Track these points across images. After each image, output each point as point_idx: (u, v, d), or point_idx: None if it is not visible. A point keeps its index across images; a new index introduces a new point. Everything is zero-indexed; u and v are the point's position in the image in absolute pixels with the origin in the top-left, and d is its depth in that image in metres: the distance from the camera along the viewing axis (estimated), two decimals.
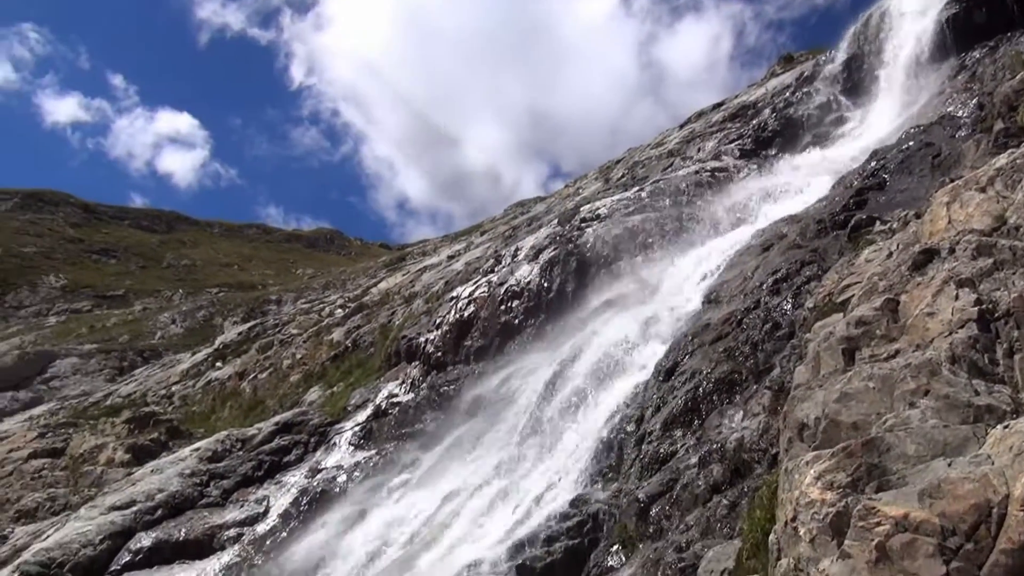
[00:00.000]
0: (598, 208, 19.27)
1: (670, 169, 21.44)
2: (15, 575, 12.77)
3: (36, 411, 30.71)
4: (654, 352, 11.77)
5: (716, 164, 19.67)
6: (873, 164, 12.95)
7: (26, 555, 13.56)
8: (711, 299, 12.03)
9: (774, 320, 9.61)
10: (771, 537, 4.46)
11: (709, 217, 16.21)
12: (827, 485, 3.91)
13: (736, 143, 20.76)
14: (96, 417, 23.27)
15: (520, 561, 8.49)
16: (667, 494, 7.90)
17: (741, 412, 8.08)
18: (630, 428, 10.33)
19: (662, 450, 8.93)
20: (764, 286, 10.72)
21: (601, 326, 14.07)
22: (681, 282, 13.98)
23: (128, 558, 13.12)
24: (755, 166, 18.94)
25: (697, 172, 19.18)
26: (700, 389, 9.36)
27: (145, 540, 13.43)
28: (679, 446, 8.84)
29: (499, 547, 9.14)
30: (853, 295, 6.60)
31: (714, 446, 7.81)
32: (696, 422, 9.04)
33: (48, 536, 14.30)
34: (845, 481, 3.88)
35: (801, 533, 3.87)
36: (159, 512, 14.34)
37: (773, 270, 10.99)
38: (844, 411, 4.57)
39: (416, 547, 10.62)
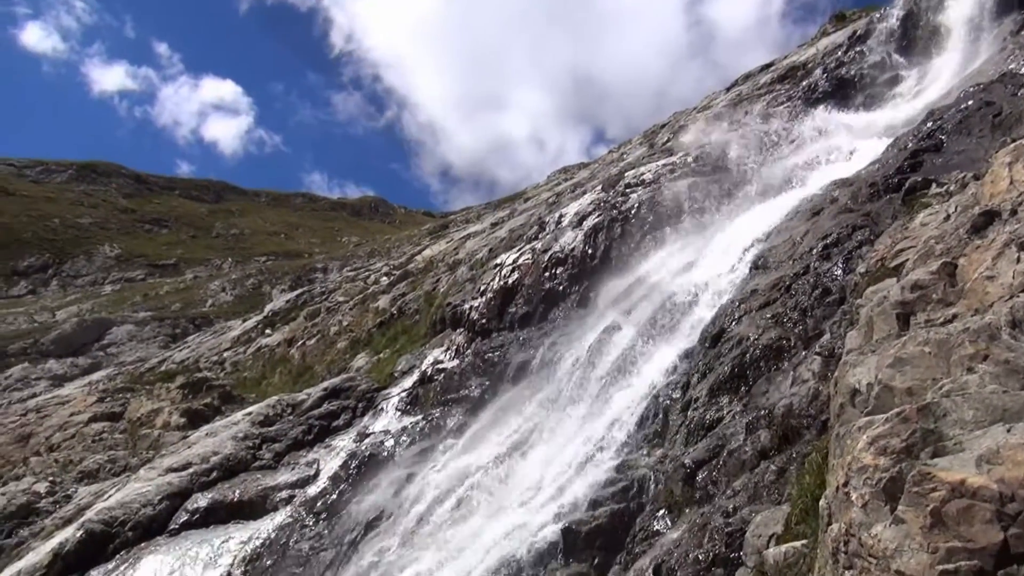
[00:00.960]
0: (643, 173, 19.06)
1: (717, 133, 21.03)
2: (80, 532, 13.31)
3: (95, 376, 31.77)
4: (700, 318, 11.66)
5: (765, 127, 19.23)
6: (929, 125, 12.52)
7: (90, 513, 14.13)
8: (759, 265, 11.84)
9: (824, 286, 9.43)
10: (821, 502, 4.42)
11: (757, 181, 15.90)
12: (880, 450, 3.85)
13: (785, 105, 20.25)
14: (152, 382, 23.96)
15: (566, 524, 8.58)
16: (713, 460, 7.87)
17: (790, 378, 7.98)
18: (675, 394, 10.29)
19: (708, 416, 8.89)
20: (814, 251, 10.51)
21: (646, 292, 13.99)
22: (728, 247, 13.78)
23: (186, 517, 13.58)
24: (804, 129, 18.48)
25: (742, 136, 18.79)
26: (747, 355, 9.26)
27: (201, 501, 13.87)
28: (725, 412, 8.79)
29: (545, 510, 9.24)
30: (908, 259, 6.44)
31: (762, 412, 7.74)
32: (743, 388, 8.96)
33: (110, 496, 14.86)
34: (899, 446, 3.82)
35: (853, 498, 3.83)
36: (214, 474, 14.78)
37: (823, 235, 10.76)
38: (898, 376, 4.48)
39: (463, 510, 10.79)
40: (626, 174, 19.84)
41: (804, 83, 20.90)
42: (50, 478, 17.92)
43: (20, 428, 21.71)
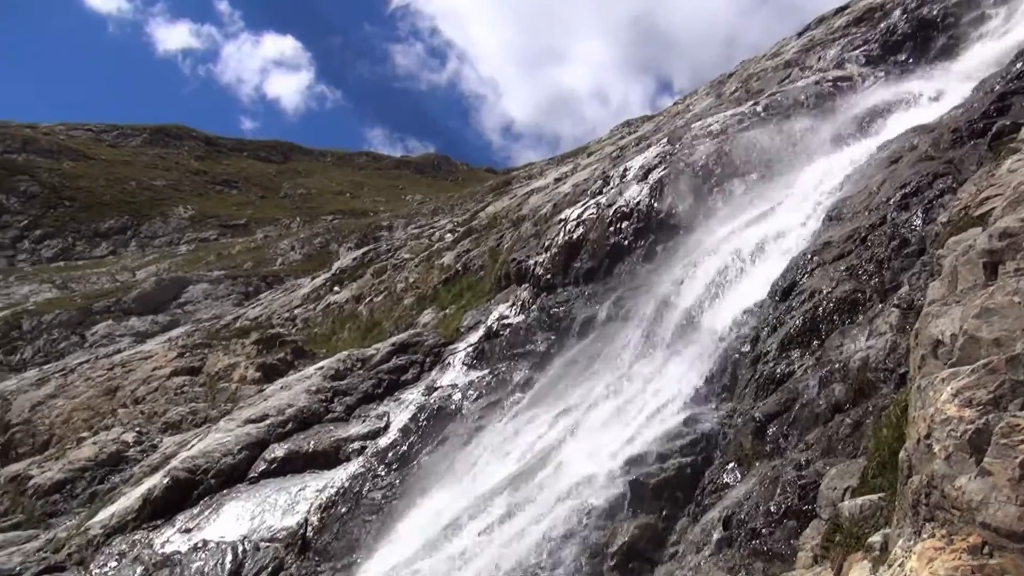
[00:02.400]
0: (710, 124, 18.59)
1: (788, 81, 20.33)
2: (166, 479, 14.00)
3: (174, 333, 33.03)
4: (770, 272, 11.42)
5: (839, 73, 18.48)
6: (1019, 66, 11.83)
7: (175, 462, 14.83)
8: (832, 216, 11.49)
9: (902, 236, 9.11)
10: (901, 455, 4.33)
11: (831, 130, 15.34)
12: (966, 402, 3.74)
13: (861, 49, 19.38)
14: (228, 338, 24.80)
15: (634, 477, 8.63)
16: (784, 414, 7.78)
17: (866, 331, 7.78)
18: (745, 349, 10.16)
19: (779, 370, 8.76)
20: (891, 201, 10.14)
21: (714, 246, 13.75)
22: (799, 199, 13.40)
23: (264, 466, 14.13)
24: (882, 73, 17.68)
25: (818, 83, 18.10)
26: (820, 309, 9.06)
27: (278, 451, 14.40)
28: (797, 366, 8.65)
29: (612, 463, 9.30)
30: (994, 207, 6.16)
31: (836, 366, 7.58)
32: (815, 342, 8.79)
33: (193, 446, 15.55)
34: (986, 398, 3.70)
35: (936, 450, 3.74)
36: (289, 426, 15.31)
37: (902, 184, 10.36)
38: (985, 327, 4.32)
39: (530, 462, 10.94)
40: (692, 126, 19.39)
41: (882, 25, 19.93)
42: (137, 428, 18.84)
43: (107, 382, 22.83)
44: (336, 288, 29.40)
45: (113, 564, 12.34)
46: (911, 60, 17.68)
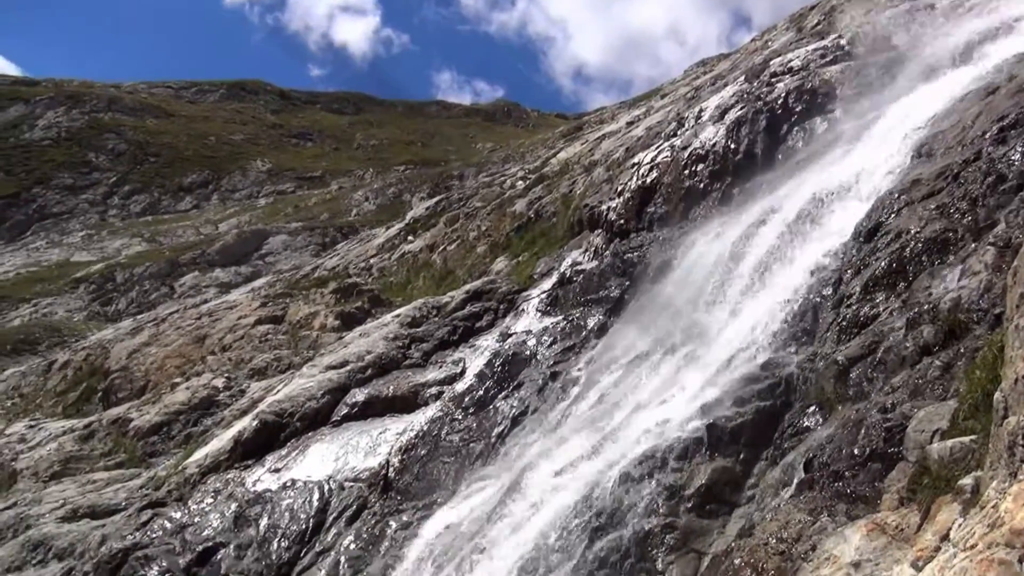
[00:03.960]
0: (790, 60, 17.86)
1: (874, 11, 19.27)
2: (255, 422, 14.64)
3: (256, 283, 34.18)
4: (854, 212, 11.02)
5: (930, 0, 17.41)
6: None
7: (262, 406, 15.48)
8: (922, 153, 10.96)
9: (998, 172, 8.63)
10: (996, 396, 4.17)
11: (921, 61, 14.53)
12: None
13: None
14: (307, 288, 25.52)
15: (711, 420, 8.58)
16: (869, 357, 7.57)
17: (957, 271, 7.46)
18: (826, 292, 9.90)
19: (863, 313, 8.51)
20: (987, 135, 9.58)
21: (794, 187, 13.32)
22: (886, 135, 12.81)
23: (346, 410, 14.60)
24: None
25: (908, 11, 17.12)
26: (907, 250, 8.72)
27: (359, 395, 14.84)
28: (882, 309, 8.39)
29: (689, 407, 9.27)
30: None
31: (924, 307, 7.31)
32: (901, 284, 8.49)
33: (279, 391, 16.18)
34: None
35: None
36: (369, 371, 15.73)
37: (999, 116, 9.77)
38: None
39: (606, 406, 11.00)
40: (771, 62, 18.65)
41: None
42: (225, 375, 19.70)
43: (196, 330, 23.86)
44: (410, 238, 29.78)
45: (209, 500, 13.04)
46: None
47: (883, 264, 8.82)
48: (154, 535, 12.49)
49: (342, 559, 11.03)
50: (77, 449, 18.29)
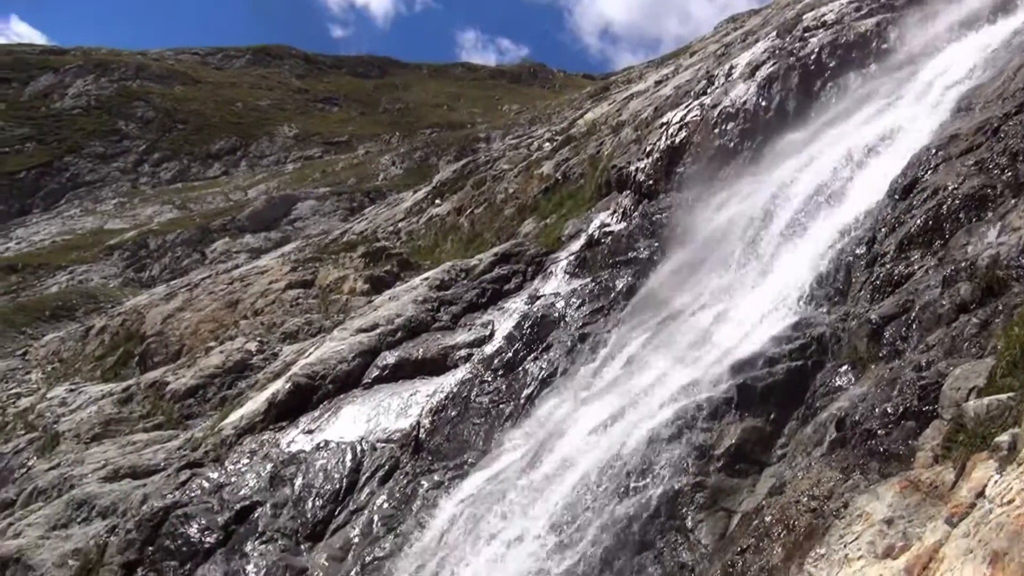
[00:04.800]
0: (824, 14, 17.39)
1: None
2: (288, 385, 14.87)
3: (286, 248, 34.47)
4: (888, 169, 10.80)
5: None
6: None
7: (295, 369, 15.70)
8: (961, 107, 10.68)
9: None
10: None
11: (962, 11, 14.08)
12: None
13: None
14: (336, 252, 25.67)
15: (741, 380, 8.56)
16: (903, 315, 7.48)
17: (996, 228, 7.30)
18: (859, 250, 9.75)
19: (897, 271, 8.39)
20: None
21: (827, 144, 13.07)
22: (924, 90, 12.49)
23: (377, 373, 14.76)
24: None
25: None
26: (944, 207, 8.54)
27: (389, 358, 14.98)
28: (916, 267, 8.26)
29: (719, 366, 9.24)
30: None
31: (961, 265, 7.18)
32: (938, 242, 8.34)
33: (310, 354, 16.39)
34: None
35: None
36: (399, 334, 15.86)
37: None
38: None
39: (635, 367, 11.00)
40: (804, 16, 18.18)
41: None
42: (258, 338, 19.98)
43: (228, 295, 24.18)
44: (437, 201, 29.76)
45: (245, 461, 13.33)
46: None
47: (919, 221, 8.66)
48: (193, 494, 12.81)
49: (375, 517, 11.24)
50: (116, 412, 18.75)
